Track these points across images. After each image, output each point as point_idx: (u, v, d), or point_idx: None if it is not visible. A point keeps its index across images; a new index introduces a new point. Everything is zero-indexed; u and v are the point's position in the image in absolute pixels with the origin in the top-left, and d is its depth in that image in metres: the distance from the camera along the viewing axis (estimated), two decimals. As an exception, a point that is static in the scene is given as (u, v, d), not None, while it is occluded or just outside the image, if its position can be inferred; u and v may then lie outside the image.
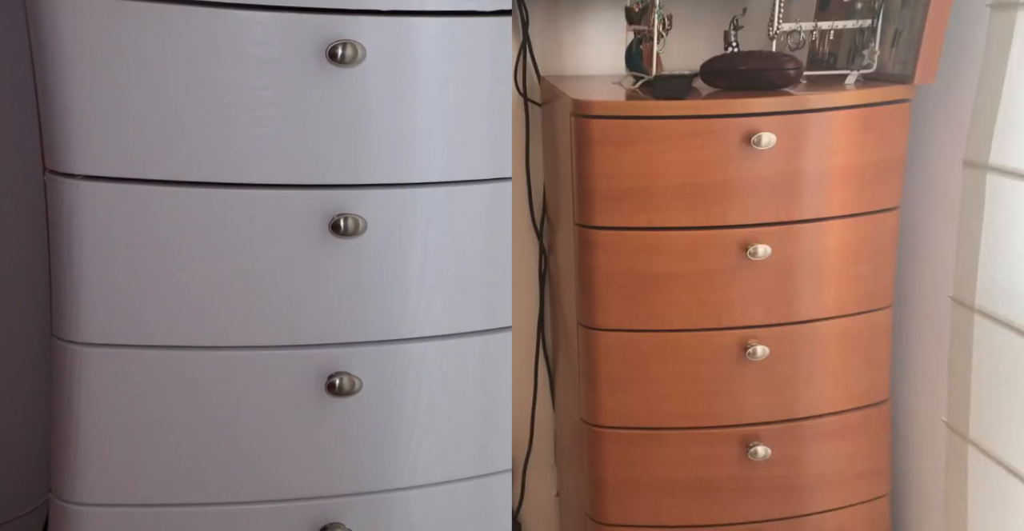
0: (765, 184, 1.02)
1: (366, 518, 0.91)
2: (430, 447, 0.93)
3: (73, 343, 0.85)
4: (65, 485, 0.87)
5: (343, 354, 0.88)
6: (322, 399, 0.88)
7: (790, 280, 1.05)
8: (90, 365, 0.85)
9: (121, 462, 0.87)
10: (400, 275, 0.88)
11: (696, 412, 1.07)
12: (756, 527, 1.11)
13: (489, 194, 0.91)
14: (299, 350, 0.87)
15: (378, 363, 0.89)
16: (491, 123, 0.89)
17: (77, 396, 0.85)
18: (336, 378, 0.87)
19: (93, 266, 0.83)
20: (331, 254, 0.86)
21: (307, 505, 0.90)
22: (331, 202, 0.85)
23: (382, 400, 0.90)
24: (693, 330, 1.05)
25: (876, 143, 1.04)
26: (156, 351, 0.85)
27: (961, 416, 1.04)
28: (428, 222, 0.89)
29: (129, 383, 0.86)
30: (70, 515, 0.87)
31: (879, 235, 1.08)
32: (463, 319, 0.92)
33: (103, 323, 0.84)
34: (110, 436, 0.86)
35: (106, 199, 0.82)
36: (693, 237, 1.03)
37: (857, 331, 1.09)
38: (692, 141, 1.00)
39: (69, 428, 0.86)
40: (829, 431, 1.10)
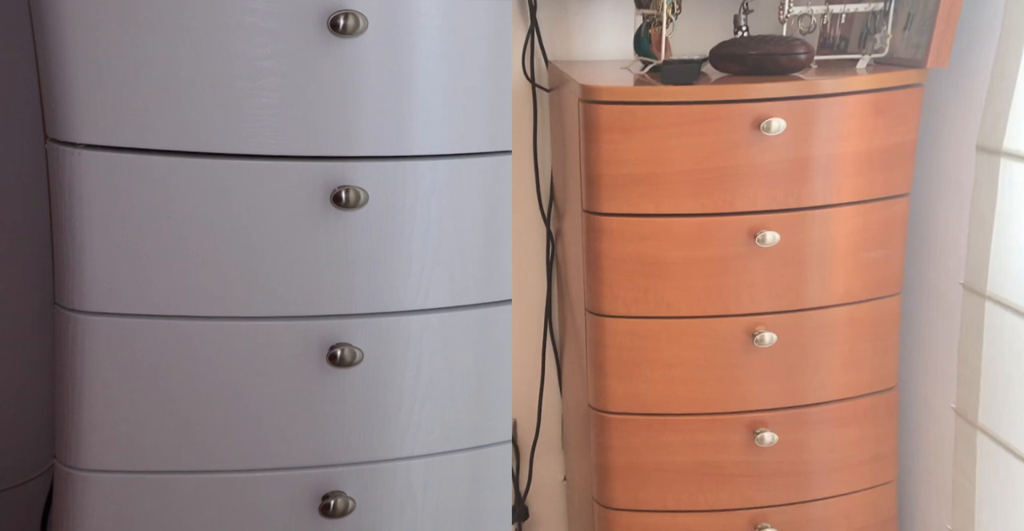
0: (774, 170, 1.01)
1: (367, 487, 0.92)
2: (431, 418, 0.93)
3: (75, 312, 0.85)
4: (69, 451, 0.88)
5: (344, 325, 0.89)
6: (323, 370, 0.89)
7: (798, 267, 1.04)
8: (92, 334, 0.85)
9: (124, 429, 0.87)
10: (401, 247, 0.89)
11: (703, 398, 1.07)
12: (762, 512, 1.11)
13: (490, 167, 0.91)
14: (300, 321, 0.88)
15: (379, 335, 0.90)
16: (491, 96, 0.89)
17: (80, 364, 0.86)
18: (337, 349, 0.88)
19: (95, 235, 0.83)
20: (332, 226, 0.86)
21: (308, 473, 0.91)
22: (332, 174, 0.85)
23: (383, 371, 0.90)
24: (700, 317, 1.05)
25: (887, 128, 1.03)
26: (158, 320, 0.85)
27: (971, 403, 1.04)
28: (429, 195, 0.89)
29: (131, 352, 0.86)
30: (74, 481, 0.88)
31: (889, 222, 1.07)
32: (464, 292, 0.92)
33: (105, 292, 0.84)
34: (113, 404, 0.87)
35: (107, 168, 0.82)
36: (701, 224, 1.02)
37: (865, 318, 1.08)
38: (701, 127, 0.99)
39: (72, 395, 0.87)
40: (836, 417, 1.10)
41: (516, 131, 1.33)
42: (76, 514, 0.88)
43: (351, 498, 0.91)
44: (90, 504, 0.88)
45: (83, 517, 0.88)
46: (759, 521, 1.11)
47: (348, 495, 0.91)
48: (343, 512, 0.90)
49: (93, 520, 0.88)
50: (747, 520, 1.11)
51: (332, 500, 0.89)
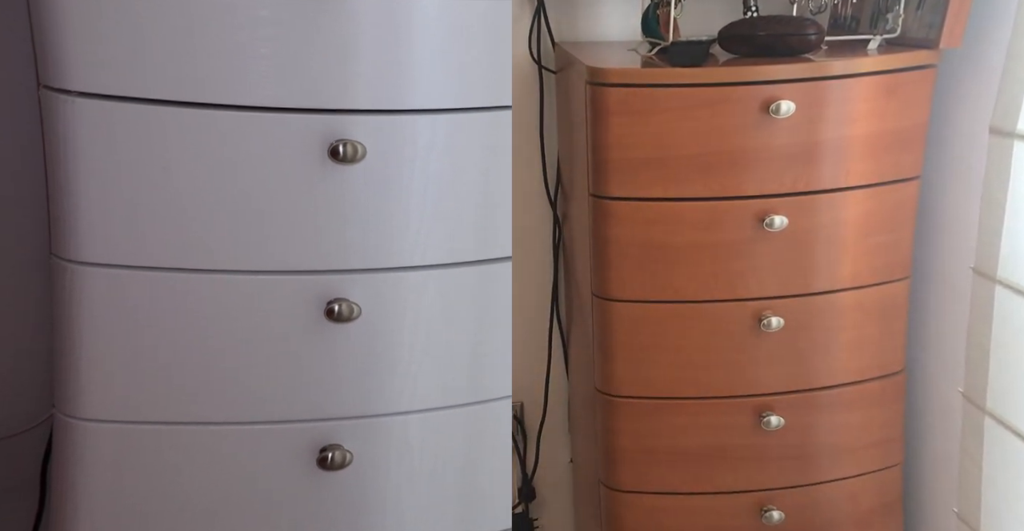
0: (783, 154, 1.00)
1: (365, 440, 0.92)
2: (429, 373, 0.93)
3: (72, 262, 0.85)
4: (68, 401, 0.88)
5: (342, 280, 0.88)
6: (321, 324, 0.88)
7: (806, 251, 1.04)
8: (89, 284, 0.85)
9: (122, 380, 0.87)
10: (400, 203, 0.88)
11: (710, 382, 1.08)
12: (768, 495, 1.12)
13: (489, 122, 0.90)
14: (298, 276, 0.87)
15: (377, 290, 0.89)
16: (491, 50, 0.88)
17: (77, 314, 0.86)
18: (335, 304, 0.87)
19: (90, 185, 0.83)
20: (329, 180, 0.85)
21: (306, 427, 0.91)
22: (330, 127, 0.84)
23: (381, 326, 0.90)
24: (708, 301, 1.05)
25: (898, 111, 1.02)
26: (154, 272, 0.85)
27: (979, 387, 1.04)
28: (428, 150, 0.88)
29: (127, 303, 0.86)
30: (73, 430, 0.88)
31: (898, 205, 1.06)
32: (462, 248, 0.92)
33: (100, 243, 0.84)
34: (111, 354, 0.87)
35: (102, 117, 0.81)
36: (709, 208, 1.02)
37: (873, 303, 1.08)
38: (709, 110, 0.98)
39: (70, 345, 0.87)
40: (843, 401, 1.10)
41: (522, 114, 1.32)
42: (75, 463, 0.89)
43: (349, 451, 0.91)
44: (89, 453, 0.88)
45: (82, 466, 0.89)
46: (765, 503, 1.12)
47: (346, 448, 0.91)
48: (341, 465, 0.91)
49: (92, 469, 0.89)
50: (753, 502, 1.12)
51: (330, 453, 0.90)
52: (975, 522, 1.06)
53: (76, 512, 0.89)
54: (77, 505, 0.89)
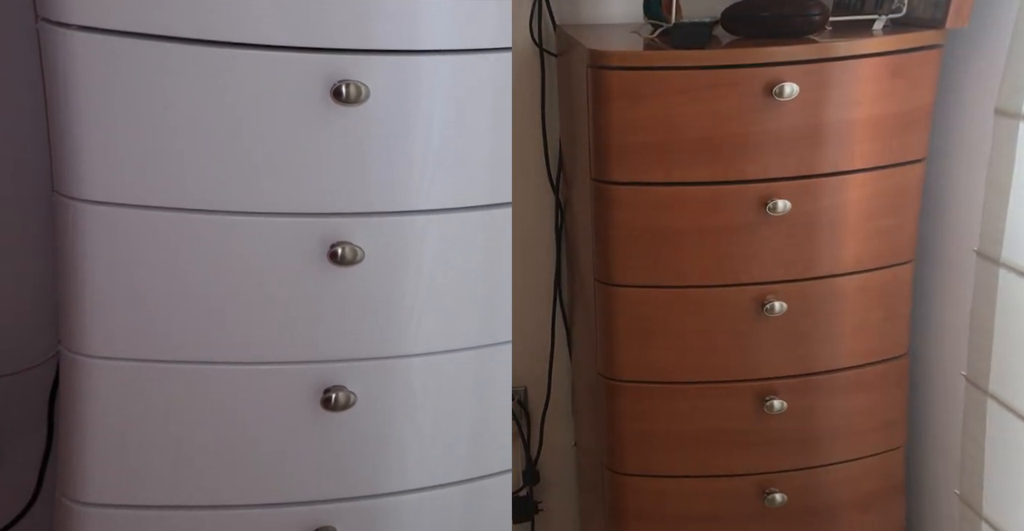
0: (786, 137, 0.99)
1: (368, 382, 0.93)
2: (432, 317, 0.94)
3: (74, 199, 0.84)
4: (73, 338, 0.89)
5: (345, 224, 0.88)
6: (324, 267, 0.88)
7: (810, 235, 1.03)
8: (91, 222, 0.85)
9: (126, 317, 0.88)
10: (403, 147, 0.87)
11: (713, 367, 1.08)
12: (770, 478, 1.13)
13: (493, 64, 0.89)
14: (300, 218, 0.87)
15: (380, 234, 0.89)
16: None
17: (80, 252, 0.86)
18: (338, 247, 0.87)
19: (91, 122, 0.82)
20: (332, 121, 0.84)
21: (310, 368, 0.91)
22: (333, 67, 0.83)
23: (384, 270, 0.90)
24: (711, 286, 1.05)
25: (904, 92, 1.01)
26: (156, 212, 0.85)
27: (982, 370, 1.04)
28: (432, 92, 0.87)
29: (130, 241, 0.86)
30: (79, 366, 0.89)
31: (903, 188, 1.06)
32: (466, 192, 0.92)
33: (102, 181, 0.84)
34: (114, 291, 0.87)
35: (102, 53, 0.80)
36: (712, 192, 1.01)
37: (877, 286, 1.08)
38: (712, 92, 0.97)
39: (74, 282, 0.87)
40: (846, 385, 1.10)
41: (523, 98, 1.31)
42: (81, 399, 0.89)
43: (352, 393, 0.91)
44: (94, 389, 0.89)
45: (88, 402, 0.89)
46: (767, 486, 1.13)
47: (349, 390, 0.91)
48: (344, 405, 0.91)
49: (98, 405, 0.89)
50: (755, 485, 1.13)
51: (333, 394, 0.91)
52: (977, 504, 1.07)
53: (83, 448, 0.90)
54: (84, 441, 0.90)
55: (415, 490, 0.98)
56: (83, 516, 0.92)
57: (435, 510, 0.99)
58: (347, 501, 0.96)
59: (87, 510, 0.91)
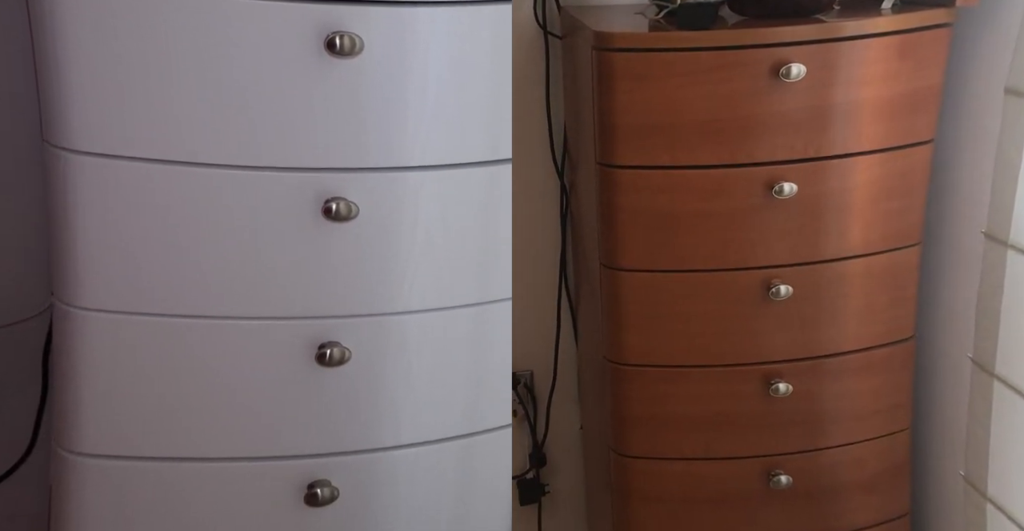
0: (793, 119, 0.98)
1: (363, 338, 0.93)
2: (428, 274, 0.93)
3: (64, 150, 0.84)
4: (66, 290, 0.89)
5: (339, 179, 0.87)
6: (318, 223, 0.88)
7: (816, 218, 1.03)
8: (82, 173, 0.85)
9: (119, 269, 0.88)
10: (399, 100, 0.86)
11: (718, 350, 1.08)
12: (776, 460, 1.13)
13: (491, 16, 0.87)
14: (293, 173, 0.87)
15: (375, 190, 0.89)
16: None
17: (72, 203, 0.85)
18: (332, 203, 0.87)
19: (80, 69, 0.81)
20: (326, 75, 0.84)
21: (305, 323, 0.91)
22: (327, 17, 0.82)
23: (379, 226, 0.90)
24: (716, 270, 1.04)
25: (912, 72, 1.00)
26: (148, 164, 0.84)
27: (988, 352, 1.03)
28: (429, 44, 0.86)
29: (122, 191, 0.85)
30: (72, 318, 0.89)
31: (910, 170, 1.05)
32: (463, 148, 0.91)
33: (93, 131, 0.83)
34: (107, 243, 0.87)
35: (89, 2, 0.80)
36: (718, 176, 1.01)
37: (883, 269, 1.07)
38: (718, 74, 0.96)
39: (66, 233, 0.87)
40: (852, 368, 1.11)
41: (528, 80, 1.30)
42: (75, 351, 0.90)
43: (347, 349, 0.92)
44: (88, 341, 0.89)
45: (82, 354, 0.90)
46: (773, 468, 1.13)
47: (344, 346, 0.92)
48: (339, 361, 0.92)
49: (91, 357, 0.90)
50: (761, 467, 1.13)
51: (328, 349, 0.91)
52: (982, 484, 1.07)
53: (77, 399, 0.91)
54: (78, 392, 0.90)
55: (410, 445, 0.98)
56: (79, 466, 0.92)
57: (430, 465, 0.99)
58: (342, 455, 0.96)
59: (83, 460, 0.92)
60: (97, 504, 0.93)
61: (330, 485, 0.95)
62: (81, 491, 0.93)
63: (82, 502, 0.93)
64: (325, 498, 0.95)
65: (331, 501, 0.96)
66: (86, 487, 0.93)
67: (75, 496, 0.93)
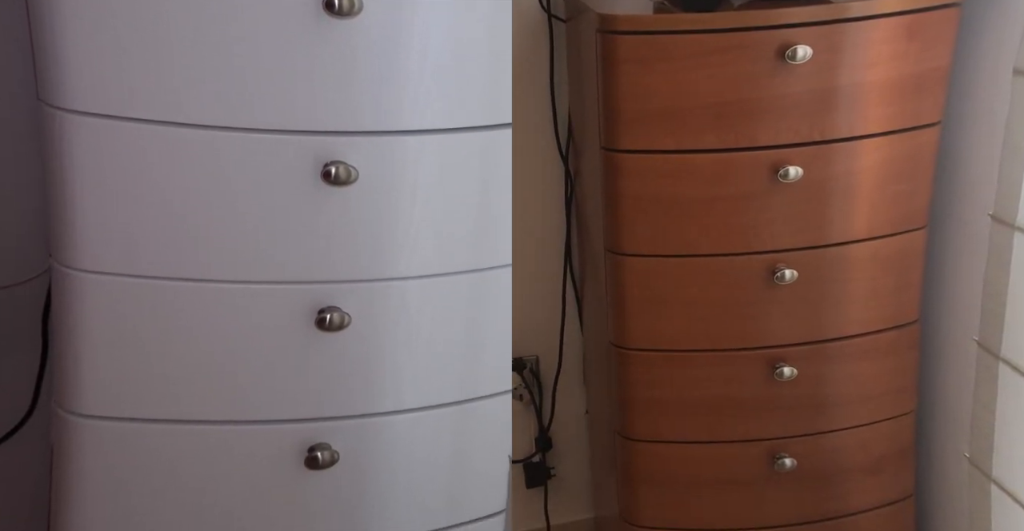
0: (798, 102, 0.98)
1: (362, 302, 0.92)
2: (428, 239, 0.93)
3: (59, 109, 0.83)
4: (63, 251, 0.88)
5: (338, 142, 0.86)
6: (318, 188, 0.87)
7: (821, 202, 1.02)
8: (77, 133, 0.84)
9: (116, 230, 0.87)
10: (397, 62, 0.85)
11: (723, 335, 1.08)
12: (780, 443, 1.14)
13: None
14: (292, 136, 0.86)
15: (375, 154, 0.88)
16: None
17: (68, 164, 0.85)
18: (331, 166, 0.86)
19: (74, 26, 0.80)
20: (324, 36, 0.83)
21: (301, 288, 0.91)
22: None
23: (378, 191, 0.89)
24: (721, 255, 1.04)
25: (920, 53, 0.99)
26: (143, 125, 0.83)
27: (994, 335, 1.03)
28: (428, 7, 0.85)
29: (119, 153, 0.84)
30: (70, 280, 0.88)
31: (917, 153, 1.04)
32: (462, 113, 0.90)
33: (88, 91, 0.82)
34: (103, 205, 0.86)
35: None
36: (722, 160, 1.00)
37: (889, 253, 1.07)
38: (723, 57, 0.96)
39: (62, 194, 0.86)
40: (856, 352, 1.11)
41: (532, 65, 1.29)
42: (74, 312, 0.89)
43: (347, 313, 0.91)
44: (86, 303, 0.89)
45: (80, 315, 0.89)
46: (777, 451, 1.14)
47: (344, 311, 0.91)
48: (339, 326, 0.91)
49: (90, 318, 0.89)
50: (765, 450, 1.14)
51: (328, 314, 0.91)
52: (986, 466, 1.07)
53: (77, 360, 0.90)
54: (78, 353, 0.90)
55: (409, 410, 0.98)
56: (79, 427, 0.92)
57: (430, 429, 0.99)
58: (342, 420, 0.96)
59: (83, 421, 0.92)
60: (98, 465, 0.93)
61: (330, 449, 0.95)
62: (82, 452, 0.93)
63: (83, 463, 0.93)
64: (325, 461, 0.95)
65: (331, 464, 0.96)
66: (87, 448, 0.93)
67: (76, 457, 0.93)
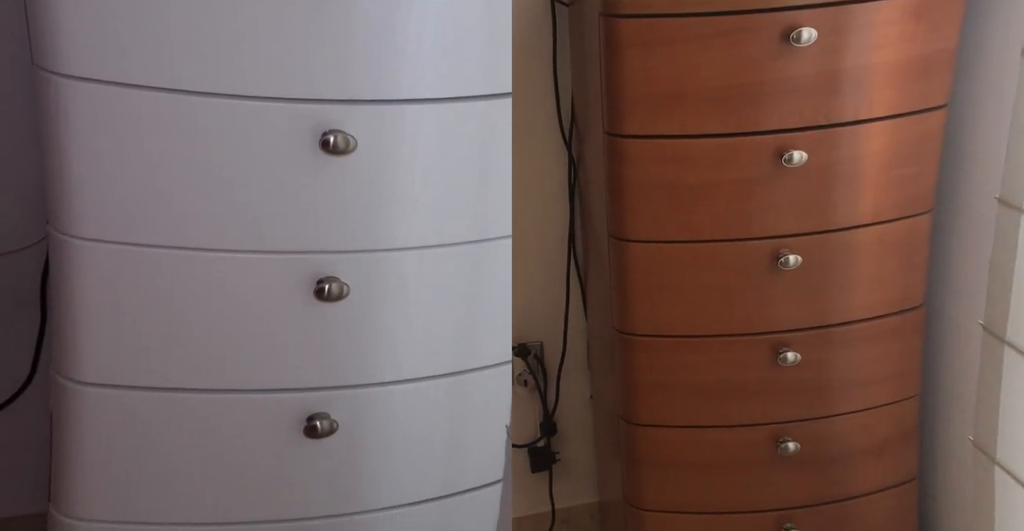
0: (803, 85, 0.97)
1: (360, 272, 0.93)
2: (426, 210, 0.93)
3: (53, 74, 0.83)
4: (61, 220, 0.88)
5: (337, 111, 0.86)
6: (316, 157, 0.87)
7: (826, 187, 1.02)
8: (72, 99, 0.83)
9: (114, 199, 0.87)
10: (395, 31, 0.85)
11: (727, 320, 1.08)
12: (784, 427, 1.14)
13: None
14: (290, 104, 0.85)
15: (374, 122, 0.87)
16: None
17: (64, 130, 0.84)
18: (330, 135, 0.85)
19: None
20: (321, 5, 0.82)
21: (300, 258, 0.91)
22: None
23: (378, 160, 0.89)
24: (725, 240, 1.04)
25: (926, 34, 0.98)
26: (140, 92, 0.83)
27: (999, 317, 1.03)
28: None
29: (116, 120, 0.84)
30: (67, 247, 0.88)
31: (924, 136, 1.03)
32: (461, 82, 0.89)
33: (82, 56, 0.82)
34: (100, 171, 0.86)
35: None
36: (726, 145, 0.99)
37: (894, 238, 1.07)
38: (727, 39, 0.95)
39: (58, 160, 0.86)
40: (861, 337, 1.11)
41: (535, 50, 1.28)
42: (71, 280, 0.89)
43: (345, 283, 0.92)
44: (84, 271, 0.89)
45: (78, 283, 0.89)
46: (780, 435, 1.14)
47: (342, 281, 0.92)
48: (338, 296, 0.92)
49: (88, 286, 0.89)
50: (768, 434, 1.15)
51: (326, 284, 0.91)
52: (991, 449, 1.08)
53: (76, 327, 0.91)
54: (76, 321, 0.90)
55: (408, 380, 0.98)
56: (78, 394, 0.92)
57: (428, 400, 1.00)
58: (340, 389, 0.96)
59: (82, 389, 0.92)
60: (97, 432, 0.94)
61: (329, 418, 0.96)
62: (81, 419, 0.93)
63: (82, 430, 0.94)
64: (324, 430, 0.96)
65: (330, 433, 0.96)
66: (86, 415, 0.93)
67: (75, 424, 0.93)
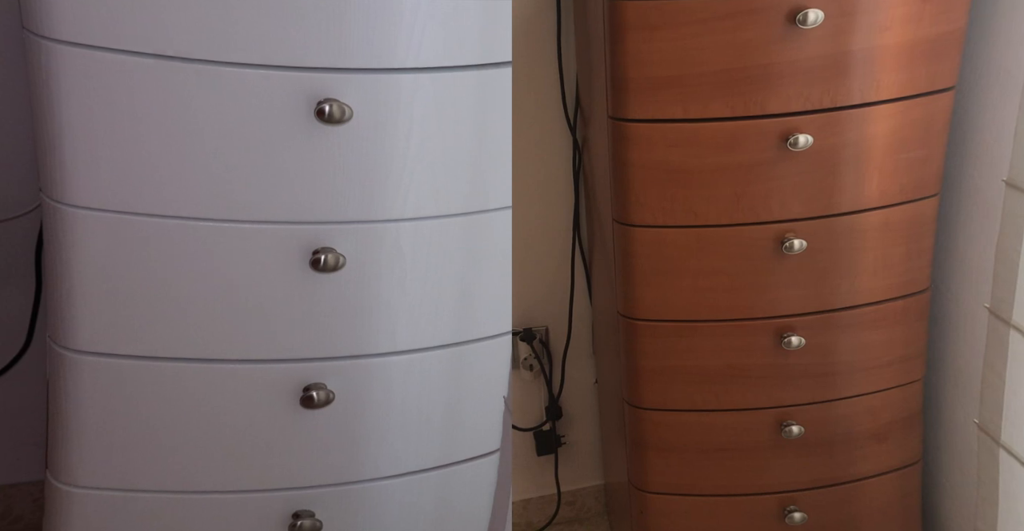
0: (809, 67, 0.96)
1: (356, 244, 0.92)
2: (422, 180, 0.92)
3: (43, 38, 0.81)
4: (55, 187, 0.87)
5: (330, 80, 0.86)
6: (311, 126, 0.86)
7: (832, 171, 1.01)
8: (63, 64, 0.81)
9: (107, 167, 0.86)
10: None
11: (731, 305, 1.08)
12: (788, 411, 1.14)
13: None
14: (283, 72, 0.85)
15: (369, 91, 0.87)
16: None
17: (55, 96, 0.83)
18: (324, 105, 0.85)
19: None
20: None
21: (297, 228, 0.91)
22: None
23: (373, 130, 0.88)
24: (729, 225, 1.04)
25: (934, 15, 0.96)
26: (132, 58, 0.82)
27: (1006, 301, 1.03)
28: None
29: (108, 88, 0.83)
30: (60, 215, 0.87)
31: (931, 119, 1.02)
32: (458, 51, 0.88)
33: (73, 20, 0.81)
34: (92, 139, 0.85)
35: None
36: (731, 128, 0.99)
37: (900, 221, 1.06)
38: (732, 21, 0.94)
39: (50, 127, 0.84)
40: (865, 321, 1.10)
41: (539, 34, 1.28)
42: (65, 249, 0.89)
43: (341, 254, 0.92)
44: (78, 239, 0.88)
45: (72, 251, 0.89)
46: (785, 419, 1.15)
47: (338, 252, 0.92)
48: (334, 267, 0.91)
49: (82, 254, 0.89)
50: (773, 418, 1.15)
51: (322, 255, 0.91)
52: (996, 432, 1.08)
53: (71, 296, 0.90)
54: (71, 289, 0.91)
55: (404, 352, 0.98)
56: (74, 362, 0.93)
57: (424, 371, 1.00)
58: (337, 360, 0.96)
59: (78, 357, 0.92)
60: (94, 400, 0.94)
61: (325, 388, 0.96)
62: (77, 387, 0.93)
63: (79, 398, 0.94)
64: (320, 401, 0.96)
65: (326, 404, 0.97)
66: (82, 383, 0.93)
67: (71, 392, 0.94)
